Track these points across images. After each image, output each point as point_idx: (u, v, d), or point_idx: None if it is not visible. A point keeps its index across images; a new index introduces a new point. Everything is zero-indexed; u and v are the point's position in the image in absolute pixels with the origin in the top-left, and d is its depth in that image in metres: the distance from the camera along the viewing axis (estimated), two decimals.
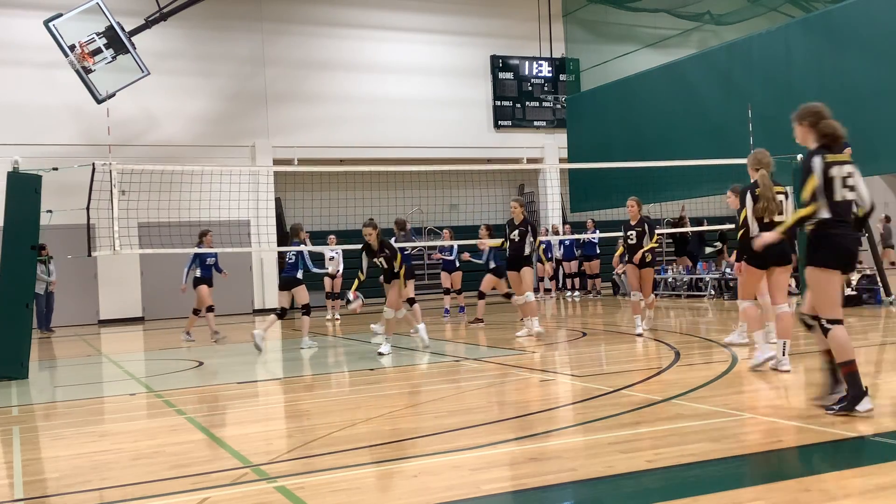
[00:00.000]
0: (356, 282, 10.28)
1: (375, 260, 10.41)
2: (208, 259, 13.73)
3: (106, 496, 4.59)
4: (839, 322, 5.52)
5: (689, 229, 20.20)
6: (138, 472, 5.05)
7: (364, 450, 5.29)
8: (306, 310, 12.17)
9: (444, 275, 16.52)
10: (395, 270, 10.33)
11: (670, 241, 21.96)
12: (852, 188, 5.77)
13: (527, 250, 11.69)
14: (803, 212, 5.68)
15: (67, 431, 6.58)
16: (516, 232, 11.75)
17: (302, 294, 12.07)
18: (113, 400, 8.36)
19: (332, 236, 17.12)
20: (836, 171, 5.77)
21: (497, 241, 12.87)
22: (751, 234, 7.59)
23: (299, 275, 12.10)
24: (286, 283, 12.19)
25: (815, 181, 5.70)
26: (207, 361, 11.17)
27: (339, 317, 17.74)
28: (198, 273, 13.71)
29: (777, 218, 7.67)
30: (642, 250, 11.12)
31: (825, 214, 5.62)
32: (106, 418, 7.42)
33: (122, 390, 8.84)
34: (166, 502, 4.38)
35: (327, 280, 17.84)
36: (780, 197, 7.94)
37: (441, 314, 16.43)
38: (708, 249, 20.76)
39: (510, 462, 4.91)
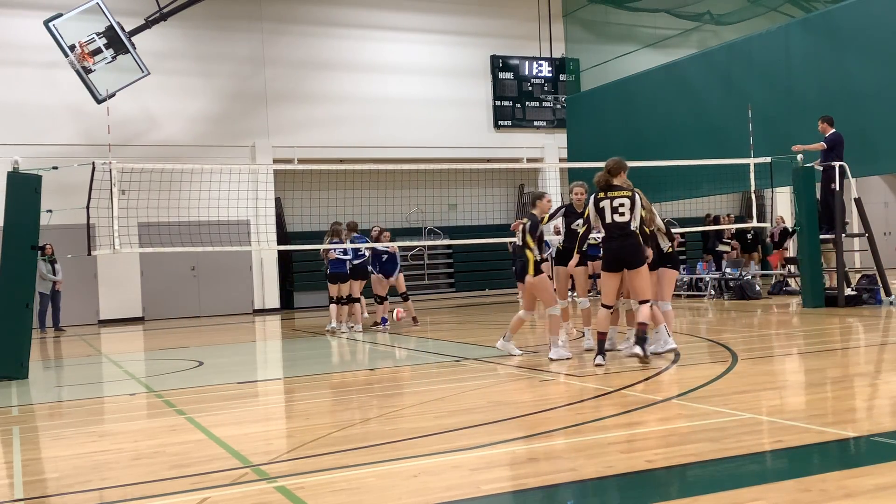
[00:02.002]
0: None
1: None
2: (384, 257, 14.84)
3: (106, 496, 4.59)
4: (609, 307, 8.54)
5: (714, 227, 20.13)
6: (138, 472, 5.05)
7: (364, 450, 5.28)
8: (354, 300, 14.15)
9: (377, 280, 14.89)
10: None
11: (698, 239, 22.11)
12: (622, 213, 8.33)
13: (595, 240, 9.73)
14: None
15: (67, 431, 6.58)
16: (580, 221, 9.40)
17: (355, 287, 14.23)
18: (113, 400, 8.36)
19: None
20: (605, 203, 8.41)
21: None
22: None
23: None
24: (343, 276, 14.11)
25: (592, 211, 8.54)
26: (207, 361, 11.17)
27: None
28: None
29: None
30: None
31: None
32: (106, 418, 7.42)
33: (122, 390, 8.84)
34: (166, 502, 4.37)
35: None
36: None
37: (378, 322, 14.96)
38: (721, 247, 20.77)
39: (510, 462, 4.91)
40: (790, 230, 18.73)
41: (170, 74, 21.47)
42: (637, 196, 8.49)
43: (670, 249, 9.21)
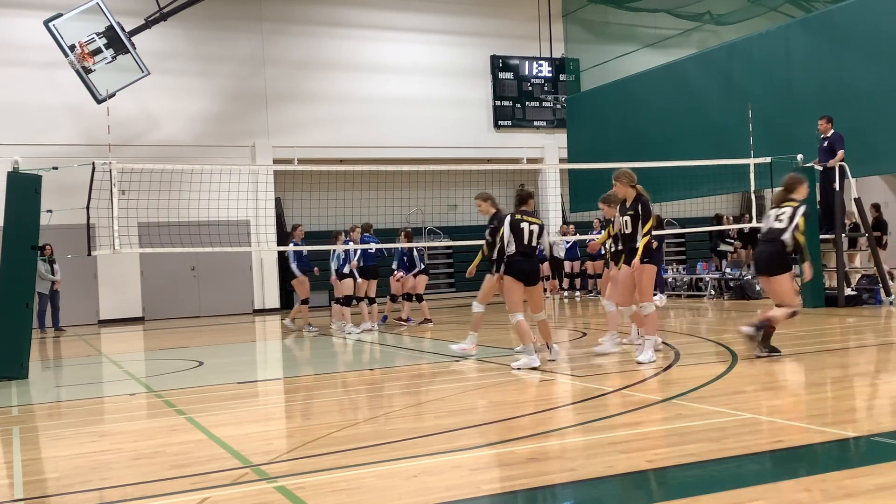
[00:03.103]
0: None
1: None
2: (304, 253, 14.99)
3: (106, 496, 4.59)
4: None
5: (715, 228, 20.11)
6: (138, 472, 5.05)
7: (364, 450, 5.28)
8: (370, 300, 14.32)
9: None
10: None
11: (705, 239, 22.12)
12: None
13: (638, 241, 8.89)
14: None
15: (67, 431, 6.58)
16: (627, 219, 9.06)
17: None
18: (113, 400, 8.36)
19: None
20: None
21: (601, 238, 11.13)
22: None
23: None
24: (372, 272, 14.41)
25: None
26: (207, 361, 11.17)
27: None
28: (296, 265, 14.87)
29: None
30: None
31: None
32: (106, 418, 7.42)
33: (122, 390, 8.84)
34: (166, 502, 4.37)
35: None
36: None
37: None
38: (724, 247, 20.77)
39: (510, 462, 4.91)
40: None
41: (170, 74, 21.47)
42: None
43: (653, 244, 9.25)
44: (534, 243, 8.83)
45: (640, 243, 8.66)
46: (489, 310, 15.01)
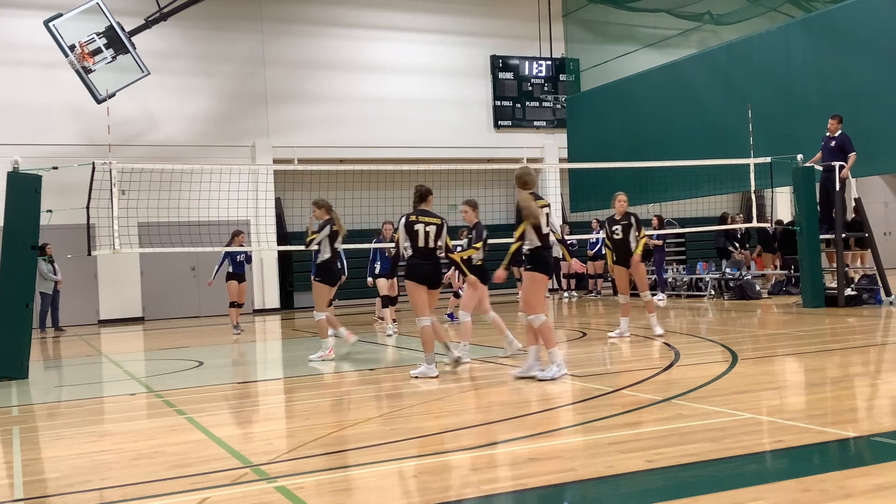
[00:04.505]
0: None
1: None
2: (238, 257, 15.05)
3: (106, 496, 4.59)
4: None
5: (731, 226, 20.06)
6: (138, 472, 5.05)
7: (364, 450, 5.28)
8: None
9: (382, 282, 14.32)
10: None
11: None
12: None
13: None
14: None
15: (67, 431, 6.58)
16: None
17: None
18: (113, 400, 8.36)
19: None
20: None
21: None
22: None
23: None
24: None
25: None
26: (207, 361, 11.16)
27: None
28: (230, 269, 15.08)
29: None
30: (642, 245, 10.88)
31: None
32: (106, 418, 7.42)
33: (122, 390, 8.84)
34: (166, 502, 4.37)
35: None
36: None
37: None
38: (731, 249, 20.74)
39: (510, 462, 4.91)
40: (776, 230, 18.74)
41: (170, 74, 21.47)
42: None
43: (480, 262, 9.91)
44: (431, 244, 8.59)
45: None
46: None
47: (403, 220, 8.61)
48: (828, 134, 14.29)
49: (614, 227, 11.08)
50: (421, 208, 8.77)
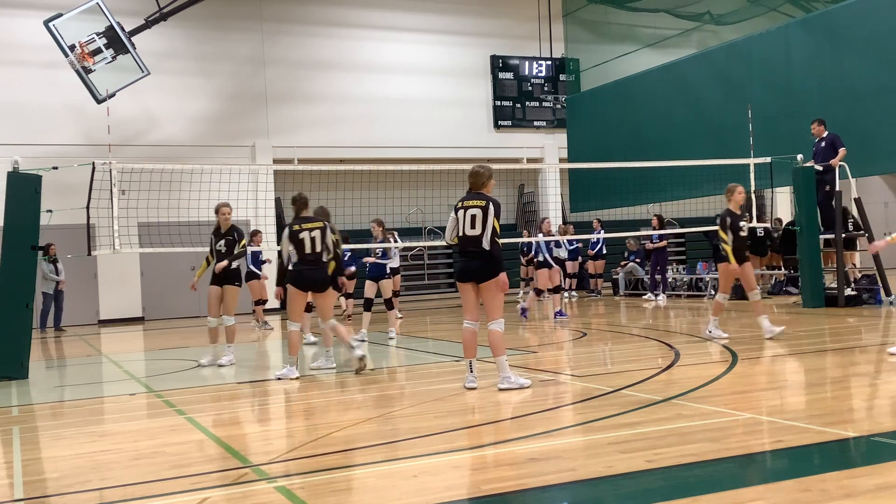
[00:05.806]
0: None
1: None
2: (260, 256, 15.71)
3: (106, 496, 4.59)
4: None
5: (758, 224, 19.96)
6: (138, 472, 5.05)
7: (364, 450, 5.28)
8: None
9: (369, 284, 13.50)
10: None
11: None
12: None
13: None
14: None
15: (67, 431, 6.58)
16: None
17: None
18: (113, 400, 8.36)
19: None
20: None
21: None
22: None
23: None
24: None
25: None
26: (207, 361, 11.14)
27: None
28: (251, 268, 15.71)
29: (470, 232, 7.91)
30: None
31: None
32: (106, 418, 7.42)
33: (122, 390, 8.84)
34: (166, 502, 4.37)
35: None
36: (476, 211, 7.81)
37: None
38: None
39: (510, 462, 4.91)
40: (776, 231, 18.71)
41: (170, 74, 21.47)
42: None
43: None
44: (317, 249, 8.72)
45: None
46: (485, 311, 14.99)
47: (287, 230, 8.82)
48: (815, 139, 14.36)
49: (741, 223, 10.23)
50: (302, 216, 8.95)
